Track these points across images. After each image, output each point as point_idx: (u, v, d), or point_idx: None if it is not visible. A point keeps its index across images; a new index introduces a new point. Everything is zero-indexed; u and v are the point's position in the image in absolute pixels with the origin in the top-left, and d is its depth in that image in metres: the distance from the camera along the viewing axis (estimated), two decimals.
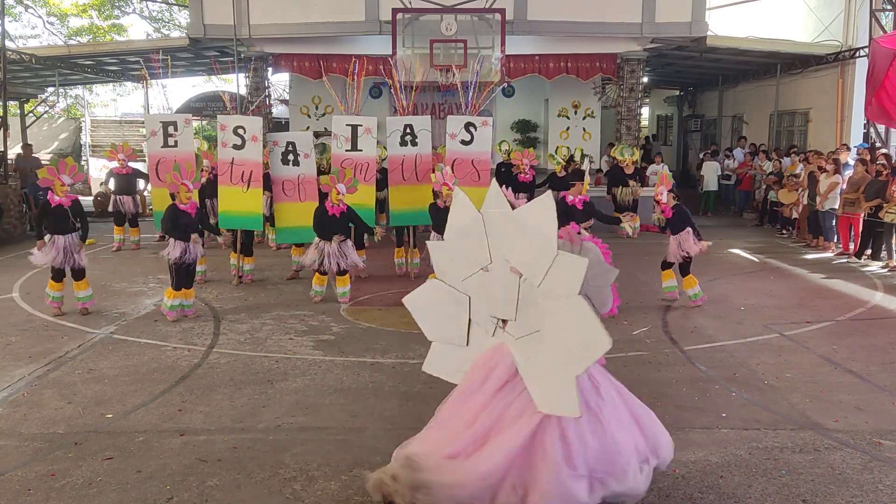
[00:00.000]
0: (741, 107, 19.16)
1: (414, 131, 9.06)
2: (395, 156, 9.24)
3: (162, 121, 9.45)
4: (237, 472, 4.03)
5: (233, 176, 8.71)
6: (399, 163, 9.20)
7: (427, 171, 8.97)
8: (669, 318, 7.28)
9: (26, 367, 5.82)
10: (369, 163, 9.11)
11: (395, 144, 9.19)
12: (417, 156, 9.11)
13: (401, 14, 13.52)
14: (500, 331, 3.73)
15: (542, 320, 3.47)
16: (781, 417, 4.75)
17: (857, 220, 10.71)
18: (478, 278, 3.75)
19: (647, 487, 3.56)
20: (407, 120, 9.18)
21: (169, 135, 9.37)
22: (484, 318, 3.80)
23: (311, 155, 8.87)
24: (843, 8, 14.82)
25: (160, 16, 28.67)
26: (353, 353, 6.19)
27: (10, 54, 13.96)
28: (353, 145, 9.08)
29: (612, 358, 5.97)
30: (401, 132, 9.10)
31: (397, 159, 9.22)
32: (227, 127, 8.73)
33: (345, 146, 9.08)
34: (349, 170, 8.74)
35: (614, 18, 13.91)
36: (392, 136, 9.16)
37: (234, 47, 14.54)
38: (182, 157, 8.98)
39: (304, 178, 8.85)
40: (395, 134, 9.15)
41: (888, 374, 5.61)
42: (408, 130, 9.06)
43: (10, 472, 4.04)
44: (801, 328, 6.94)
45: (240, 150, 8.68)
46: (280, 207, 9.01)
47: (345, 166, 8.73)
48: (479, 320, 3.82)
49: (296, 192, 8.88)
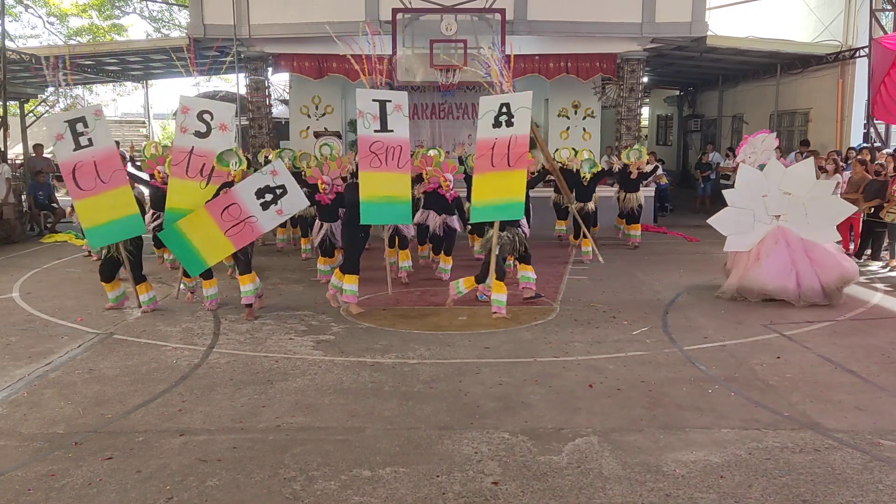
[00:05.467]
0: (741, 107, 19.16)
1: (511, 110, 7.39)
2: (485, 139, 7.46)
3: (67, 119, 7.35)
4: (237, 472, 4.03)
5: (189, 168, 7.62)
6: (489, 147, 7.41)
7: (522, 155, 7.36)
8: (669, 319, 7.28)
9: (26, 367, 5.82)
10: (402, 146, 7.76)
11: (488, 126, 7.48)
12: (512, 138, 7.35)
13: (401, 14, 13.52)
14: (775, 221, 8.08)
15: (808, 208, 7.93)
16: (781, 417, 4.75)
17: (857, 220, 10.71)
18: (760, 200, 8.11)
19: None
20: (504, 98, 7.51)
21: (80, 134, 7.37)
22: (764, 216, 8.12)
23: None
24: (843, 8, 14.82)
25: (160, 16, 28.68)
26: (353, 353, 6.19)
27: (10, 54, 13.97)
28: (383, 125, 7.73)
29: (611, 358, 6.00)
30: (495, 112, 7.43)
31: (487, 143, 7.43)
32: (191, 110, 7.67)
33: (373, 126, 7.70)
34: (334, 164, 8.61)
35: (614, 18, 13.92)
36: (485, 118, 7.51)
37: (234, 47, 14.54)
38: (102, 157, 7.34)
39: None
40: (488, 115, 7.49)
41: (888, 374, 5.61)
42: (503, 110, 7.41)
43: (10, 472, 4.04)
44: (801, 328, 6.94)
45: (203, 139, 7.63)
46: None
47: (374, 150, 7.61)
48: (761, 218, 8.13)
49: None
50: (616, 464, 4.08)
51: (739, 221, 8.16)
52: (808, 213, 7.91)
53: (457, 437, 4.44)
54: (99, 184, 7.26)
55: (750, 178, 8.23)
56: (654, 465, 4.06)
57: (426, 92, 17.82)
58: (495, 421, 4.70)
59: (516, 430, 4.54)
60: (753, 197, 8.11)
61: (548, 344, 6.45)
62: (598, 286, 8.75)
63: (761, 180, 8.14)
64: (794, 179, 8.03)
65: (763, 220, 8.10)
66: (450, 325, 7.06)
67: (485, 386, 5.36)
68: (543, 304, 7.88)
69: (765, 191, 8.06)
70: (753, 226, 8.10)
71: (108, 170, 7.26)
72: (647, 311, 7.54)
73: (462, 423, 4.68)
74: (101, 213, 7.27)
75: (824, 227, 7.93)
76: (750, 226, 8.09)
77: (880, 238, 10.23)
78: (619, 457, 4.17)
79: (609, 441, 4.38)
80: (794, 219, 7.99)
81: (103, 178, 7.26)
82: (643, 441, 4.38)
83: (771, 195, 8.04)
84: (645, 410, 4.88)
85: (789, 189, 7.98)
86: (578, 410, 4.88)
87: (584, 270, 9.74)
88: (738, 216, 8.17)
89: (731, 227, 8.24)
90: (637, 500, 3.69)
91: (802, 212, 7.93)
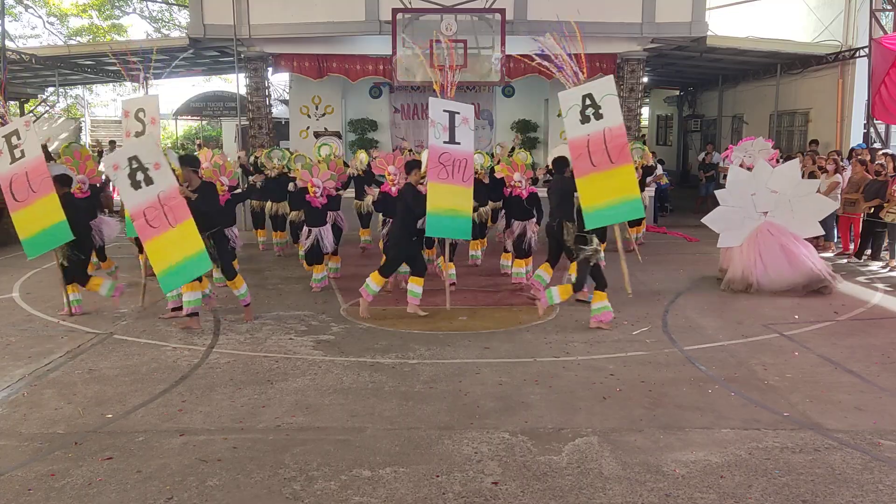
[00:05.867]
0: (741, 107, 19.16)
1: (596, 100, 6.75)
2: (577, 138, 6.78)
3: (3, 135, 7.29)
4: (237, 472, 4.03)
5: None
6: (584, 146, 6.74)
7: (622, 147, 6.70)
8: (669, 319, 7.28)
9: (26, 367, 5.82)
10: (467, 159, 7.56)
11: (576, 123, 6.83)
12: (606, 130, 6.65)
13: (401, 14, 13.53)
14: (762, 217, 8.50)
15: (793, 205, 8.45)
16: (781, 417, 4.75)
17: (857, 220, 10.72)
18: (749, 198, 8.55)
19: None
20: (584, 89, 6.86)
21: (14, 146, 7.25)
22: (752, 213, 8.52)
23: (162, 164, 6.65)
24: (843, 8, 14.82)
25: (160, 16, 28.70)
26: (353, 353, 6.19)
27: (10, 54, 13.97)
28: (451, 136, 7.51)
29: (611, 358, 5.99)
30: (580, 106, 6.79)
31: (580, 142, 6.76)
32: (130, 113, 7.44)
33: (443, 136, 7.49)
34: (324, 166, 8.45)
35: (614, 18, 13.91)
36: (570, 115, 6.88)
37: (234, 47, 14.54)
38: (32, 167, 7.25)
39: (165, 195, 6.55)
40: (572, 111, 6.85)
41: (888, 374, 5.61)
42: (587, 102, 6.77)
43: (10, 472, 4.04)
44: (801, 328, 6.94)
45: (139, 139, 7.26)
46: (151, 246, 6.60)
47: (443, 161, 7.38)
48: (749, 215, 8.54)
49: (162, 218, 6.55)
50: (616, 464, 4.08)
51: (730, 219, 8.65)
52: (793, 209, 8.51)
53: (457, 437, 4.44)
54: (30, 194, 7.25)
55: (739, 178, 8.79)
56: (654, 465, 4.06)
57: (426, 92, 17.83)
58: (495, 421, 4.70)
59: (516, 430, 4.54)
60: (743, 195, 8.64)
61: (548, 344, 6.44)
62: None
63: (750, 180, 8.68)
64: (781, 178, 8.59)
65: (752, 216, 8.59)
66: (450, 325, 7.06)
67: (485, 386, 5.36)
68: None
69: (753, 189, 8.57)
70: (743, 222, 8.58)
71: (37, 179, 7.22)
72: (647, 311, 7.54)
73: (462, 423, 4.68)
74: (34, 223, 7.26)
75: (808, 221, 8.63)
76: (739, 222, 8.59)
77: (880, 238, 10.23)
78: (619, 457, 4.17)
79: (609, 441, 4.38)
80: (781, 214, 8.54)
81: (34, 187, 7.24)
82: (643, 441, 4.38)
83: (759, 193, 8.57)
84: (645, 410, 4.88)
85: (776, 187, 8.51)
86: (578, 410, 4.88)
87: None
88: (728, 214, 8.66)
89: (722, 225, 8.73)
90: (637, 500, 3.69)
91: (788, 208, 8.50)
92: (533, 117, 18.54)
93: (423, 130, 18.86)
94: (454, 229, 7.58)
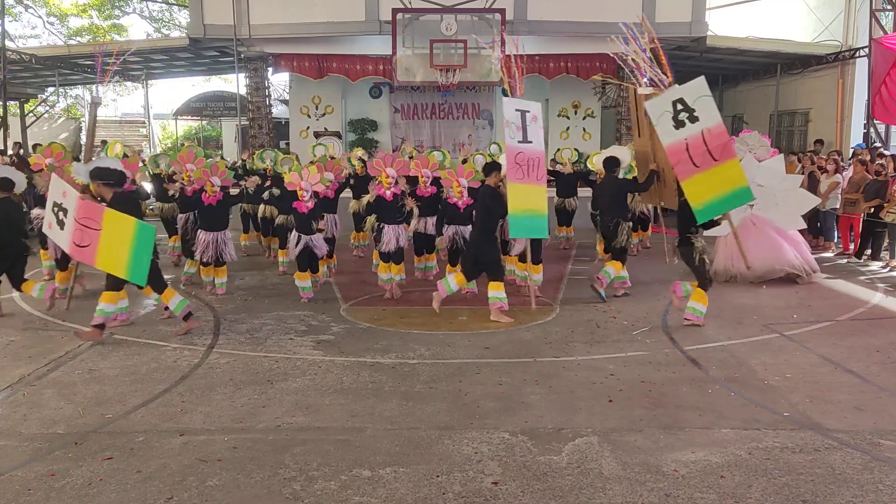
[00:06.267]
0: (741, 107, 19.16)
1: (688, 104, 6.75)
2: (674, 144, 6.80)
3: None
4: (237, 472, 4.03)
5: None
6: (683, 150, 6.76)
7: (724, 145, 6.77)
8: (669, 319, 7.28)
9: (26, 367, 5.82)
10: (539, 157, 7.46)
11: (670, 130, 6.83)
12: (704, 131, 6.71)
13: (401, 14, 13.53)
14: (748, 209, 8.49)
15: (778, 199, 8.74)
16: (781, 417, 4.75)
17: (857, 220, 10.72)
18: None
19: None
20: (673, 94, 6.83)
21: None
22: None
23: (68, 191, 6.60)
24: (843, 8, 14.84)
25: (160, 16, 28.70)
26: (353, 353, 6.19)
27: (10, 54, 13.98)
28: (524, 136, 7.39)
29: (611, 358, 6.00)
30: (671, 112, 6.78)
31: (679, 147, 6.78)
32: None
33: (517, 136, 7.33)
34: (314, 167, 8.17)
35: (614, 18, 13.90)
36: (662, 122, 6.87)
37: (234, 47, 14.54)
38: None
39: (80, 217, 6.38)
40: (664, 118, 6.84)
41: (888, 374, 5.61)
42: (679, 107, 6.76)
43: (10, 472, 4.04)
44: (801, 328, 6.94)
45: None
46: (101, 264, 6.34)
47: (518, 161, 7.24)
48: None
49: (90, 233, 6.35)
50: (616, 464, 4.08)
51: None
52: (778, 202, 8.82)
53: (457, 437, 4.44)
54: None
55: None
56: (654, 465, 4.06)
57: (426, 92, 17.84)
58: (495, 421, 4.70)
59: (516, 430, 4.54)
60: None
61: (548, 344, 6.44)
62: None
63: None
64: (767, 172, 8.91)
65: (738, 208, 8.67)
66: (450, 325, 7.07)
67: (485, 386, 5.36)
68: (543, 304, 7.87)
69: None
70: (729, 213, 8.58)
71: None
72: (647, 311, 7.54)
73: (462, 423, 4.68)
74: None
75: (793, 215, 9.02)
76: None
77: (880, 238, 10.23)
78: (619, 457, 4.17)
79: (609, 441, 4.38)
80: (766, 207, 8.79)
81: None
82: (643, 441, 4.38)
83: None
84: (645, 410, 4.88)
85: (762, 181, 8.71)
86: (578, 410, 4.88)
87: (585, 270, 9.74)
88: None
89: None
90: (637, 500, 3.69)
91: (774, 201, 8.77)
92: None
93: (423, 130, 18.89)
94: (533, 228, 7.48)
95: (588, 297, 8.10)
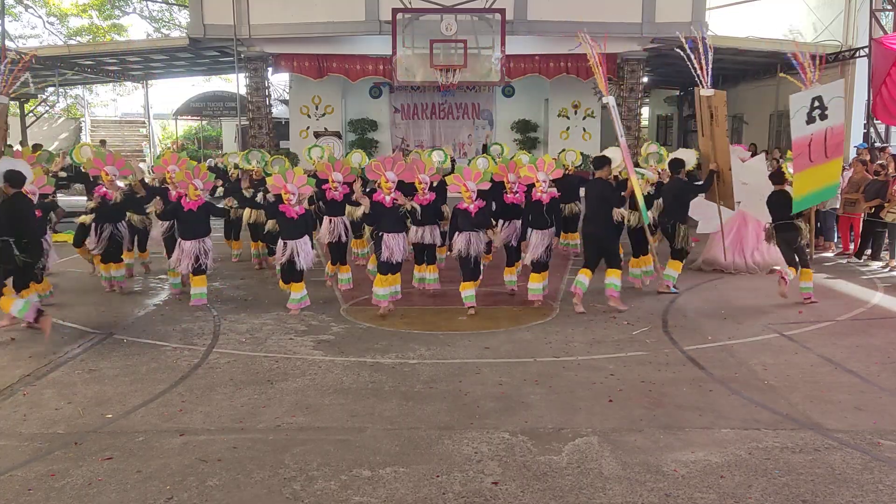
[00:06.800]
0: (741, 107, 19.16)
1: (823, 102, 7.56)
2: (801, 138, 7.67)
3: None
4: (237, 472, 4.03)
5: None
6: (806, 144, 7.66)
7: (838, 144, 7.65)
8: (669, 318, 7.28)
9: (26, 367, 5.82)
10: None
11: (801, 125, 7.66)
12: (828, 130, 7.58)
13: (401, 14, 13.53)
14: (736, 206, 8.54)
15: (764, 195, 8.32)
16: (781, 417, 4.75)
17: (857, 220, 10.72)
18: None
19: None
20: (814, 92, 7.63)
21: None
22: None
23: None
24: (843, 8, 14.84)
25: (160, 16, 28.72)
26: (353, 353, 6.19)
27: (10, 54, 13.96)
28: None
29: (612, 358, 6.00)
30: (808, 108, 7.61)
31: (804, 141, 7.67)
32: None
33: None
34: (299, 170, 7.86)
35: (614, 18, 13.93)
36: (797, 117, 7.68)
37: (234, 47, 14.54)
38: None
39: None
40: (800, 112, 7.65)
41: (888, 374, 5.61)
42: (816, 104, 7.58)
43: (10, 472, 4.04)
44: (802, 328, 6.94)
45: None
46: None
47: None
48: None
49: None
50: (616, 464, 4.08)
51: (707, 209, 9.01)
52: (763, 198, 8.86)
53: (457, 437, 4.44)
54: None
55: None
56: (654, 465, 4.06)
57: (426, 92, 17.84)
58: (495, 421, 4.70)
59: (516, 430, 4.54)
60: None
61: (548, 344, 6.45)
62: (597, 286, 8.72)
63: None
64: (750, 171, 9.28)
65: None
66: (450, 325, 7.07)
67: (485, 386, 5.36)
68: (543, 304, 7.87)
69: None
70: (717, 211, 8.89)
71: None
72: (647, 311, 7.54)
73: (462, 423, 4.68)
74: None
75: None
76: (715, 211, 8.88)
77: (880, 238, 10.23)
78: (619, 457, 4.17)
79: (609, 441, 4.38)
80: (752, 204, 9.07)
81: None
82: (643, 441, 4.38)
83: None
84: (645, 410, 4.88)
85: (746, 179, 8.95)
86: (578, 410, 4.88)
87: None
88: (705, 204, 9.01)
89: (700, 214, 9.21)
90: (637, 500, 3.69)
91: (759, 198, 8.75)
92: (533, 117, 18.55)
93: (423, 130, 18.90)
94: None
95: (588, 297, 8.06)
